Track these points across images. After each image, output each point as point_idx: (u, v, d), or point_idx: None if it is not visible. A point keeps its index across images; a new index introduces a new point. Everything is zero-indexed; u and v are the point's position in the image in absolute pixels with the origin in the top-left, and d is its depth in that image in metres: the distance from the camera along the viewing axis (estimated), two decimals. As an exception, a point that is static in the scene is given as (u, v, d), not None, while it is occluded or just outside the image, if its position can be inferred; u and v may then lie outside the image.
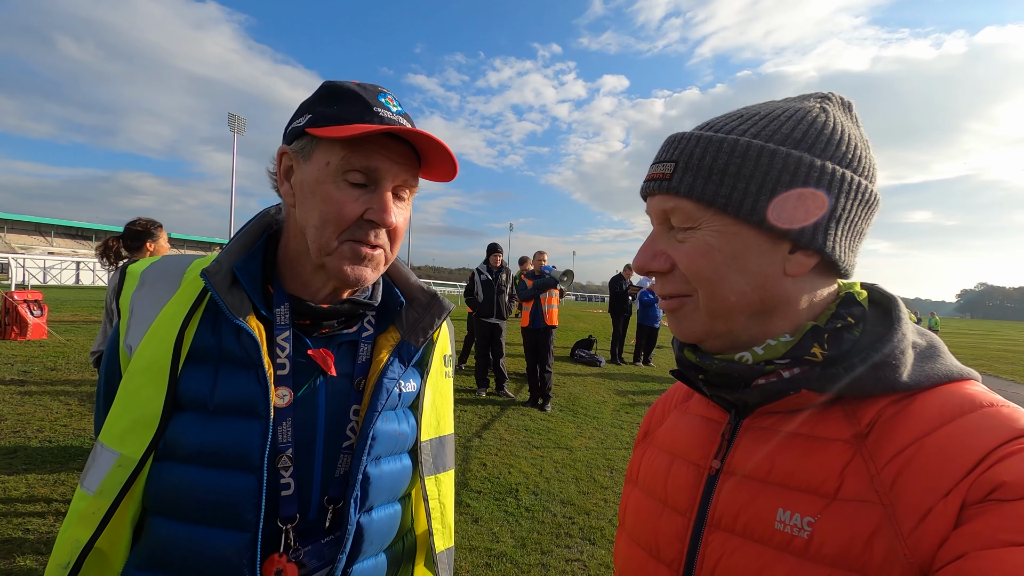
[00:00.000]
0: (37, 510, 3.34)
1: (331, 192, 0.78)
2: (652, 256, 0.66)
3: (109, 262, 3.37)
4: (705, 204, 0.60)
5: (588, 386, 8.75)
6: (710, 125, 0.65)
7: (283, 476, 0.78)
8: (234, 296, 0.80)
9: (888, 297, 0.65)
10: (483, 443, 5.32)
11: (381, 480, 0.87)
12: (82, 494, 0.77)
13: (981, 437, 0.50)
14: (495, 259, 7.45)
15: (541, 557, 3.27)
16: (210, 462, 0.75)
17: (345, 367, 0.88)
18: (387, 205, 0.79)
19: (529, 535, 3.53)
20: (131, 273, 0.88)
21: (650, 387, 9.15)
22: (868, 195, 0.61)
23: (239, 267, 0.83)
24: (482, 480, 4.38)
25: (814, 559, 0.53)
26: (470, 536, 3.45)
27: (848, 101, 0.66)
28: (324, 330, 0.87)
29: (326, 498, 0.82)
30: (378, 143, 0.79)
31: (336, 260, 0.80)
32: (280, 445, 0.79)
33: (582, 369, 10.43)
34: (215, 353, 0.79)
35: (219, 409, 0.77)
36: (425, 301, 0.97)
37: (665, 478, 0.72)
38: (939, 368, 0.58)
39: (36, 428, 4.70)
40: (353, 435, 0.85)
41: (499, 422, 6.12)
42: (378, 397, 0.85)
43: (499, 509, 3.87)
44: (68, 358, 7.67)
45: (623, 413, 7.04)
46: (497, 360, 7.45)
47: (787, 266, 0.60)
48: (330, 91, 0.82)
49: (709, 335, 0.65)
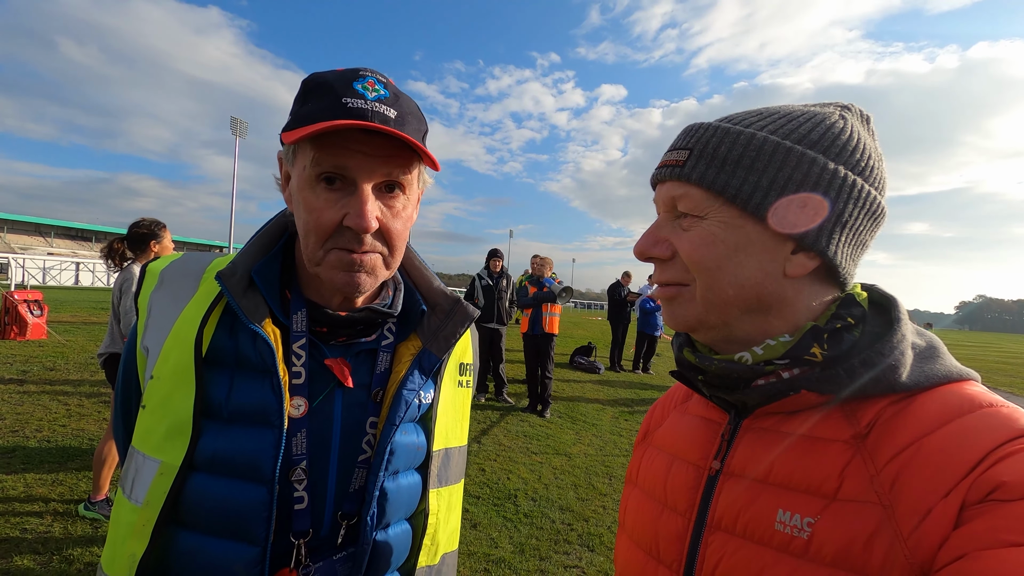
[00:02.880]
0: (35, 510, 3.34)
1: (309, 198, 0.73)
2: (654, 242, 0.66)
3: (114, 263, 3.38)
4: (715, 193, 0.60)
5: (587, 393, 8.74)
6: (730, 118, 0.65)
7: (296, 489, 0.75)
8: (250, 300, 0.77)
9: (888, 298, 0.65)
10: (482, 448, 5.31)
11: (399, 495, 0.83)
12: (130, 506, 0.74)
13: (981, 437, 0.50)
14: (495, 264, 7.46)
15: (539, 563, 3.27)
16: (222, 471, 0.73)
17: (362, 377, 0.84)
18: (363, 209, 0.72)
19: (528, 541, 3.52)
20: (151, 272, 0.85)
21: (649, 395, 9.13)
22: (876, 206, 0.61)
23: (257, 271, 0.79)
24: (481, 486, 4.37)
25: (814, 560, 0.53)
26: (469, 542, 3.44)
27: (867, 115, 0.66)
28: (341, 338, 0.83)
29: (339, 513, 0.79)
30: (347, 137, 0.70)
31: (326, 270, 0.75)
32: (294, 456, 0.75)
33: (581, 376, 10.42)
34: (231, 358, 0.76)
35: (233, 417, 0.74)
36: (448, 307, 0.91)
37: (665, 479, 0.72)
38: (939, 368, 0.58)
39: (35, 428, 4.69)
40: (369, 449, 0.81)
41: (498, 428, 6.11)
42: (397, 409, 0.81)
43: (498, 515, 3.86)
44: (67, 358, 7.66)
45: (622, 420, 7.03)
46: (497, 365, 7.44)
47: (788, 266, 0.60)
48: (307, 87, 0.75)
49: (702, 325, 0.65)
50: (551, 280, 7.18)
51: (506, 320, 7.45)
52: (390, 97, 0.74)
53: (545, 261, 7.31)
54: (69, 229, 66.57)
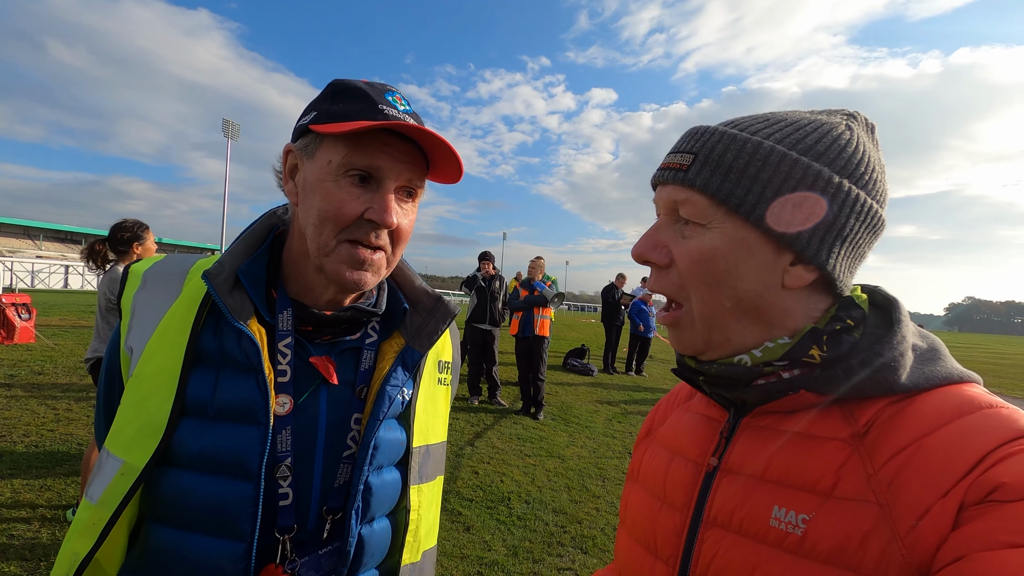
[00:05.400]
0: (22, 515, 3.29)
1: (331, 190, 0.76)
2: (653, 246, 0.66)
3: (96, 265, 3.34)
4: (718, 201, 0.60)
5: (580, 395, 8.74)
6: (735, 123, 0.64)
7: (281, 485, 0.77)
8: (236, 299, 0.78)
9: (889, 300, 0.65)
10: (475, 451, 5.30)
11: (383, 490, 0.84)
12: (85, 504, 0.75)
13: (980, 437, 0.49)
14: (485, 267, 7.44)
15: (533, 566, 3.26)
16: (208, 468, 0.73)
17: (347, 374, 0.86)
18: (388, 205, 0.77)
19: (521, 544, 3.51)
20: (133, 273, 0.86)
21: (642, 397, 9.15)
22: (876, 218, 0.61)
23: (243, 270, 0.81)
24: (474, 488, 4.35)
25: (808, 556, 0.53)
26: (462, 544, 3.43)
27: (872, 123, 0.66)
28: (327, 337, 0.85)
29: (325, 508, 0.80)
30: (381, 140, 0.76)
31: (334, 262, 0.77)
32: (279, 453, 0.77)
33: (574, 378, 10.42)
34: (217, 356, 0.78)
35: (219, 414, 0.75)
36: (430, 305, 0.94)
37: (664, 475, 0.72)
38: (939, 370, 0.58)
39: (22, 432, 4.63)
40: (354, 444, 0.83)
41: (492, 430, 6.10)
42: (380, 405, 0.83)
43: (491, 517, 3.85)
44: (56, 362, 7.57)
45: (615, 422, 7.04)
46: (490, 368, 7.43)
47: (786, 278, 0.60)
48: (336, 89, 0.80)
49: (708, 346, 0.65)
50: (542, 284, 7.19)
51: (499, 322, 7.44)
52: (413, 113, 0.82)
53: (537, 264, 7.32)
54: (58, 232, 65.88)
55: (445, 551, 3.32)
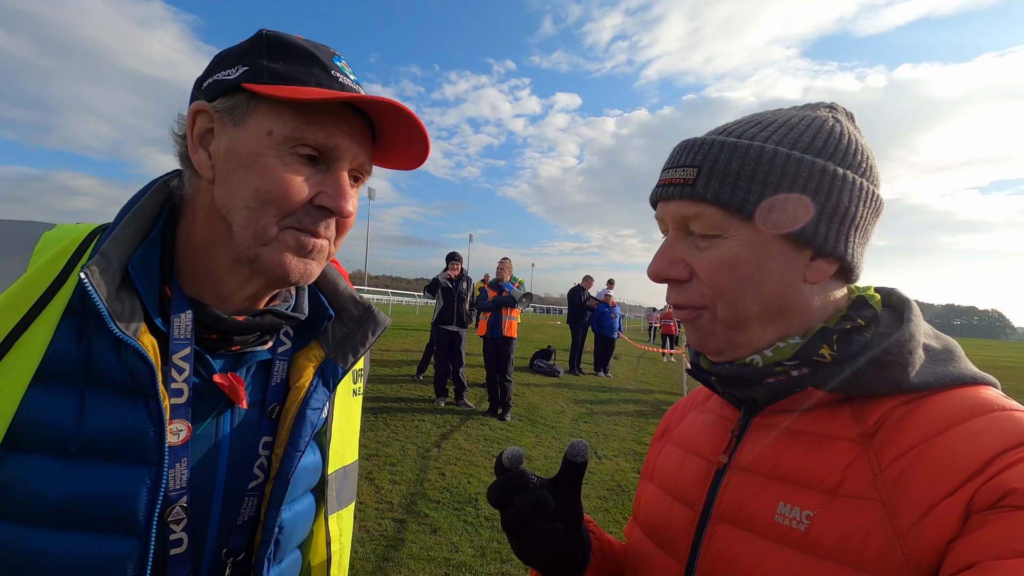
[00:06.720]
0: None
1: (273, 166, 0.62)
2: (670, 263, 0.65)
3: None
4: (732, 211, 0.60)
5: (547, 396, 8.79)
6: (728, 131, 0.64)
7: (174, 531, 0.63)
8: (124, 302, 0.60)
9: (903, 300, 0.65)
10: (442, 453, 5.25)
11: (295, 525, 0.74)
12: None
13: (991, 439, 0.49)
14: (453, 267, 7.40)
15: (501, 566, 3.25)
16: (70, 523, 0.56)
17: (255, 392, 0.73)
18: (344, 190, 0.66)
19: (489, 544, 3.50)
20: None
21: (608, 397, 9.27)
22: (878, 201, 0.63)
23: (135, 264, 0.63)
24: (441, 490, 4.31)
25: (810, 551, 0.53)
26: (429, 547, 3.39)
27: (850, 112, 0.68)
28: (234, 347, 0.70)
29: (225, 551, 0.68)
30: (339, 115, 0.64)
31: (275, 251, 0.64)
32: (172, 493, 0.62)
33: (541, 379, 10.47)
34: (80, 372, 0.59)
35: (85, 451, 0.58)
36: (358, 315, 0.81)
37: (677, 473, 0.73)
38: (951, 370, 0.57)
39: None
40: (262, 473, 0.71)
41: (458, 432, 6.06)
42: (300, 433, 0.71)
43: (458, 519, 3.83)
44: None
45: (581, 423, 7.10)
46: (457, 369, 7.39)
47: (808, 273, 0.61)
48: (273, 42, 0.65)
49: (731, 347, 0.65)
50: (510, 285, 7.20)
51: (466, 323, 7.41)
52: (360, 84, 0.70)
53: (505, 265, 7.33)
54: (-3, 228, 62.17)
55: (412, 553, 3.28)
